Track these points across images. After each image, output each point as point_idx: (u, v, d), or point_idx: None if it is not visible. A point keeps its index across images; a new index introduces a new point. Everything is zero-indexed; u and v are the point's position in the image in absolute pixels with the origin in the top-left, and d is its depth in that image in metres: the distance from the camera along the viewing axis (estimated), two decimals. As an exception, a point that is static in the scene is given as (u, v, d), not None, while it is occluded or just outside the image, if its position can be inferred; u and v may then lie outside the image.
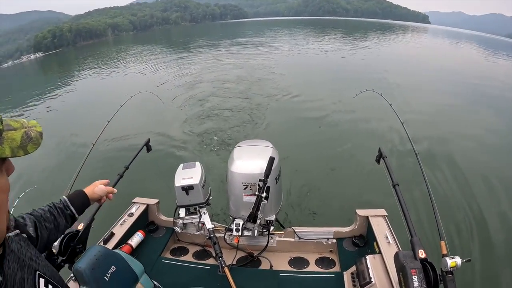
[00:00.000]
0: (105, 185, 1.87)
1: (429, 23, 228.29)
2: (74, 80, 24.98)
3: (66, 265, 2.36)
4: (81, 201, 1.67)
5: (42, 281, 0.89)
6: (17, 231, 0.97)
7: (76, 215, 1.61)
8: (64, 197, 1.59)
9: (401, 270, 1.96)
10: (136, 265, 2.34)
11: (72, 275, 2.35)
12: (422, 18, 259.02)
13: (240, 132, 9.11)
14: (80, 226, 2.53)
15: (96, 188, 1.77)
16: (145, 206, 3.55)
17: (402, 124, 3.35)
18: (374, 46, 32.38)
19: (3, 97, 23.86)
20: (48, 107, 16.77)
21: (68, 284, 2.36)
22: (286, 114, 10.63)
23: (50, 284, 0.92)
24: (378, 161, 3.00)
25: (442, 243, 2.05)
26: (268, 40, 42.39)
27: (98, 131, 3.41)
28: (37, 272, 0.90)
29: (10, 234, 0.89)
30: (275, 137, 8.11)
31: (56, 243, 2.32)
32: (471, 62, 25.83)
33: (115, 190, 1.94)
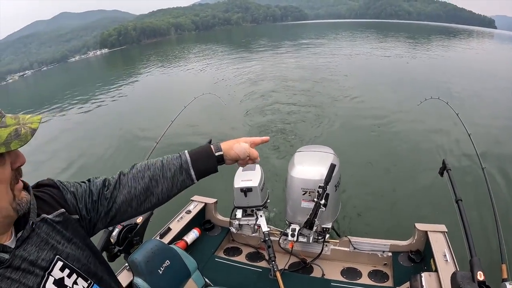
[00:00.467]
0: (256, 143, 1.38)
1: (495, 27, 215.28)
2: (138, 76, 26.07)
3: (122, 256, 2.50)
4: (206, 164, 1.24)
5: (59, 264, 0.92)
6: (59, 211, 0.99)
7: (195, 181, 1.24)
8: (186, 153, 1.22)
9: None
10: (189, 261, 2.40)
11: (126, 265, 2.47)
12: (488, 22, 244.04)
13: (301, 136, 9.04)
14: (139, 219, 2.64)
15: (237, 145, 1.28)
16: (203, 204, 3.61)
17: (469, 135, 3.20)
18: (438, 51, 31.01)
19: (70, 88, 25.34)
20: (113, 101, 17.65)
21: (121, 274, 2.49)
22: (347, 120, 10.43)
23: (68, 268, 0.93)
24: (441, 173, 2.87)
25: (504, 266, 1.95)
26: (329, 42, 41.88)
27: (162, 129, 3.53)
28: (57, 256, 0.92)
29: (38, 218, 0.93)
30: (336, 143, 8.02)
31: (115, 233, 2.45)
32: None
33: (257, 157, 1.36)
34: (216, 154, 1.24)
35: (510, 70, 22.24)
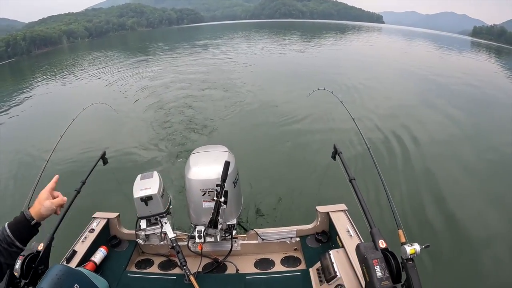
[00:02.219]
0: (52, 188, 1.72)
1: (383, 23, 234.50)
2: (27, 91, 24.05)
3: None
4: (26, 233, 1.55)
5: None
6: None
7: (23, 248, 1.51)
8: (6, 227, 1.46)
9: (364, 261, 2.01)
10: (100, 282, 2.34)
11: None
12: (377, 18, 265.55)
13: (196, 138, 9.13)
14: (40, 246, 2.47)
15: (42, 208, 1.60)
16: (105, 220, 3.48)
17: (353, 120, 3.45)
18: (329, 47, 33.12)
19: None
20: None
21: None
22: (241, 116, 10.72)
23: None
24: (334, 157, 3.08)
25: (400, 231, 2.12)
26: (224, 43, 42.64)
27: (51, 146, 3.33)
28: None
29: None
30: (233, 141, 8.19)
31: (17, 266, 2.24)
32: (425, 60, 26.75)
33: (65, 199, 1.78)
34: (32, 223, 1.55)
35: (393, 59, 24.44)
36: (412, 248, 1.90)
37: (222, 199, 2.73)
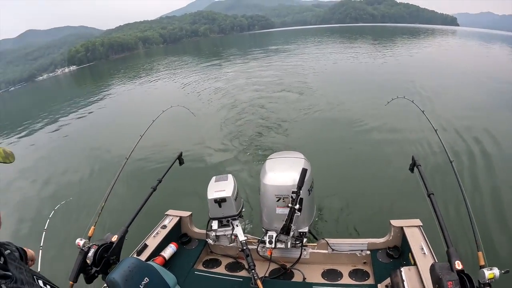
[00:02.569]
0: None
1: (457, 25, 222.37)
2: (107, 93, 25.74)
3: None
4: None
5: (40, 282, 1.03)
6: (9, 250, 1.11)
7: None
8: None
9: (437, 282, 1.89)
10: (169, 277, 2.37)
11: (105, 285, 2.43)
12: (450, 20, 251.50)
13: (270, 143, 9.09)
14: (114, 238, 2.58)
15: (29, 250, 1.75)
16: (178, 218, 3.58)
17: (435, 131, 3.26)
18: (403, 52, 31.83)
19: (39, 109, 24.72)
20: (82, 120, 17.34)
21: None
22: (315, 122, 10.56)
23: (48, 285, 1.05)
24: (411, 169, 2.92)
25: (480, 254, 1.96)
26: (296, 48, 42.51)
27: (131, 145, 3.48)
28: (34, 276, 1.03)
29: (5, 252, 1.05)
30: (307, 147, 8.09)
31: (91, 254, 2.38)
32: (505, 65, 24.96)
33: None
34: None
35: (473, 65, 22.99)
36: (491, 273, 1.77)
37: (297, 206, 2.68)
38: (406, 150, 7.73)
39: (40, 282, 1.02)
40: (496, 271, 1.77)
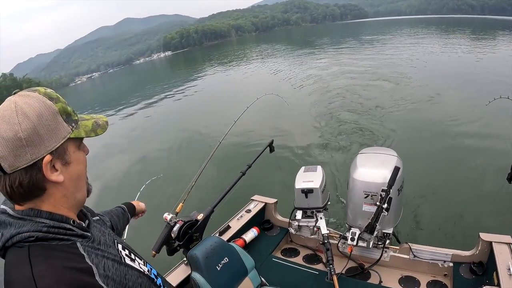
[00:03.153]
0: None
1: None
2: (201, 77, 26.83)
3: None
4: (132, 213, 1.89)
5: (119, 245, 1.09)
6: (98, 217, 1.25)
7: (130, 219, 1.85)
8: (124, 206, 1.83)
9: None
10: (247, 260, 2.45)
11: (184, 259, 2.61)
12: None
13: (364, 137, 8.86)
14: (200, 216, 2.72)
15: (140, 203, 1.98)
16: (263, 204, 3.66)
17: None
18: (505, 47, 29.07)
19: (135, 89, 26.44)
20: (177, 102, 18.33)
21: (179, 267, 2.67)
22: (411, 121, 10.05)
23: (127, 249, 1.11)
24: (510, 179, 2.72)
25: None
26: (390, 39, 40.66)
27: (224, 129, 3.62)
28: (115, 240, 1.11)
29: (93, 218, 1.17)
30: (399, 145, 7.79)
31: (176, 229, 2.53)
32: None
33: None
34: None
35: None
36: None
37: (385, 206, 2.61)
38: (506, 157, 7.13)
39: (120, 246, 1.08)
40: None
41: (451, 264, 2.89)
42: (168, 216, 2.57)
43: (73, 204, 0.99)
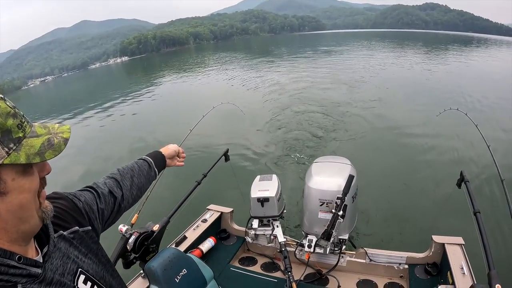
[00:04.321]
0: (179, 151, 1.94)
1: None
2: (157, 84, 26.47)
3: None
4: (161, 163, 1.73)
5: (82, 277, 0.95)
6: (73, 228, 1.04)
7: (157, 175, 1.69)
8: (149, 158, 1.66)
9: None
10: (206, 270, 2.41)
11: (141, 272, 2.53)
12: (506, 30, 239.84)
13: (318, 146, 9.02)
14: (156, 227, 2.65)
15: (169, 145, 1.86)
16: (219, 213, 3.63)
17: (488, 147, 3.15)
18: (456, 61, 30.63)
19: (90, 95, 25.73)
20: (131, 110, 17.96)
21: (136, 281, 2.58)
22: (365, 131, 10.32)
23: (90, 281, 0.97)
24: (459, 185, 2.84)
25: None
26: (347, 51, 41.90)
27: (180, 138, 3.57)
28: (79, 269, 0.96)
29: (55, 234, 0.96)
30: (352, 154, 7.97)
31: (131, 241, 2.45)
32: None
33: (184, 155, 2.00)
34: (164, 154, 1.77)
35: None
36: None
37: (341, 213, 2.67)
38: (455, 165, 7.47)
39: (81, 279, 0.95)
40: None
41: (406, 266, 2.99)
42: (123, 227, 2.49)
43: (16, 237, 0.82)
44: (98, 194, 1.26)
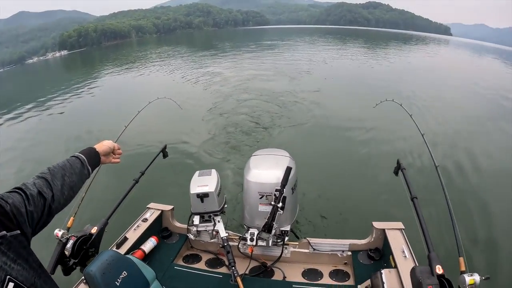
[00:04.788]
0: (114, 148, 1.89)
1: (450, 35, 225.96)
2: (96, 80, 25.50)
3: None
4: (95, 160, 1.66)
5: (11, 285, 0.90)
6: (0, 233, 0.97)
7: (91, 173, 1.61)
8: (82, 155, 1.58)
9: (417, 286, 1.90)
10: (147, 271, 2.33)
11: (83, 278, 2.38)
12: (444, 30, 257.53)
13: (255, 140, 9.06)
14: (94, 230, 2.55)
15: (104, 141, 1.80)
16: (159, 212, 3.55)
17: (422, 135, 3.28)
18: (395, 57, 32.13)
19: (27, 91, 24.38)
20: (69, 106, 17.12)
21: (78, 287, 2.44)
22: (304, 122, 10.54)
23: None
24: (396, 173, 2.94)
25: (461, 259, 1.99)
26: (290, 46, 42.70)
27: (115, 135, 3.43)
28: (7, 277, 0.90)
29: None
30: (292, 146, 8.07)
31: (69, 245, 2.34)
32: (494, 76, 25.34)
33: (121, 152, 1.96)
34: (99, 152, 1.72)
35: (463, 74, 23.35)
36: (472, 278, 1.80)
37: (280, 205, 2.68)
38: (392, 153, 7.81)
39: (10, 286, 0.90)
40: (476, 277, 1.80)
41: (349, 253, 3.10)
42: (59, 232, 2.36)
43: None
44: (27, 195, 1.16)
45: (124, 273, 2.13)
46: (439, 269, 1.94)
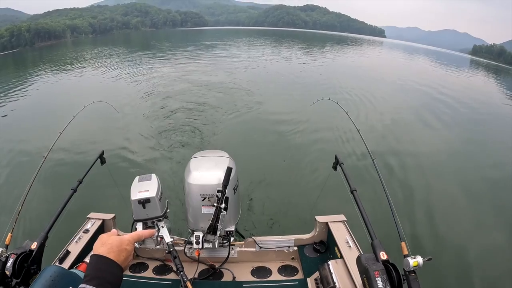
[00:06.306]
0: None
1: (385, 37, 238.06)
2: (29, 83, 24.02)
3: None
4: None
5: None
6: None
7: None
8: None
9: (365, 272, 1.99)
10: None
11: None
12: (379, 32, 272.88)
13: (195, 142, 9.06)
14: (34, 245, 2.43)
15: (109, 238, 1.28)
16: (100, 221, 3.42)
17: (358, 131, 3.43)
18: (330, 57, 33.40)
19: None
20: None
21: None
22: (241, 122, 10.69)
23: None
24: (335, 168, 3.05)
25: (403, 244, 2.12)
26: (227, 47, 42.99)
27: (50, 143, 3.28)
28: None
29: None
30: (232, 146, 8.18)
31: (9, 265, 2.21)
32: (424, 74, 26.91)
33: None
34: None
35: (395, 73, 24.60)
36: (415, 261, 1.90)
37: (223, 205, 2.68)
38: (331, 149, 8.11)
39: None
40: (419, 259, 1.91)
41: (295, 248, 3.18)
42: None
43: None
44: None
45: None
46: (383, 255, 2.06)
